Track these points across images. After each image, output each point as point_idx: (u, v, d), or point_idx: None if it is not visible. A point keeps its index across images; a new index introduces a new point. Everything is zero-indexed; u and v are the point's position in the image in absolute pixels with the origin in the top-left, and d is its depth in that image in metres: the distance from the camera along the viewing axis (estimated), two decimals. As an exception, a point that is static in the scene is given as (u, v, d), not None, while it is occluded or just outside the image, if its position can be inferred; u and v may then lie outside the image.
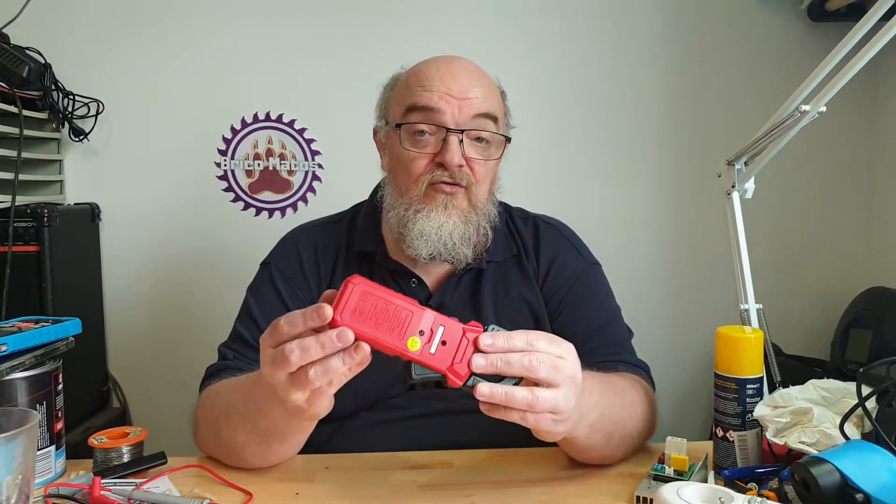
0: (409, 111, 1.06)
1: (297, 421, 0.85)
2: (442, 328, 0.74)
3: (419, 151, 1.06)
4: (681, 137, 2.02)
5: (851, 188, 2.05)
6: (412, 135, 1.06)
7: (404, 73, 1.13)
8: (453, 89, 1.05)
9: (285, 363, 0.72)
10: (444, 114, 1.04)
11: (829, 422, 0.85)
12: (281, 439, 0.90)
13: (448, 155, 1.04)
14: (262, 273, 1.16)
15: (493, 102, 1.08)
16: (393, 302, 0.73)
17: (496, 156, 1.09)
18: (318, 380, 0.72)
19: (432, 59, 1.11)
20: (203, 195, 1.95)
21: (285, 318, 0.74)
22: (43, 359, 0.93)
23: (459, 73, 1.07)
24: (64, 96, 1.85)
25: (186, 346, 1.93)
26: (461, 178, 1.05)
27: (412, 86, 1.07)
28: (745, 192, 1.13)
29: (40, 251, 1.63)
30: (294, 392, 0.75)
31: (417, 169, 1.06)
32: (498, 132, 1.09)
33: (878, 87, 1.98)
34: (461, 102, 1.05)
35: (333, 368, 0.72)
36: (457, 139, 1.04)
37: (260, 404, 0.86)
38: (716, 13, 1.99)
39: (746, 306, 1.10)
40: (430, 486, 0.92)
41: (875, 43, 0.90)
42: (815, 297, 2.05)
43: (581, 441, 0.88)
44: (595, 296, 1.17)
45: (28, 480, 0.71)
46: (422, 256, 1.06)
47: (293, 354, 0.71)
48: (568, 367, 0.76)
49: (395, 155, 1.10)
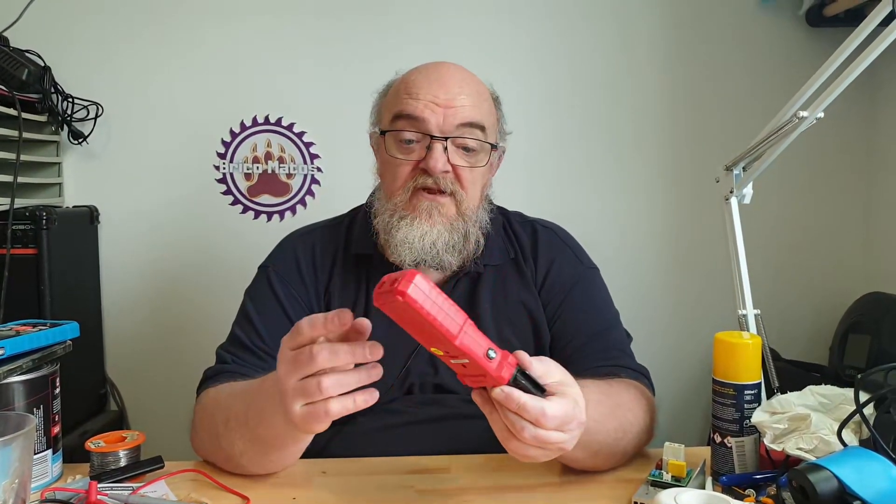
0: (395, 118, 1.08)
1: (295, 432, 0.85)
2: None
3: (404, 158, 1.07)
4: (679, 142, 2.02)
5: (850, 193, 2.05)
6: (399, 142, 1.07)
7: (397, 79, 1.14)
8: (440, 97, 1.05)
9: (311, 363, 0.72)
10: (429, 122, 1.05)
11: (827, 428, 0.84)
12: (279, 449, 0.90)
13: (431, 161, 1.04)
14: (260, 276, 1.16)
15: (481, 110, 1.09)
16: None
17: (482, 163, 1.10)
18: (329, 391, 0.73)
19: (422, 66, 1.12)
20: (202, 198, 1.95)
21: (307, 319, 0.75)
22: (40, 362, 0.93)
23: (448, 81, 1.07)
24: (63, 99, 1.85)
25: (184, 350, 1.93)
26: (445, 184, 1.06)
27: (400, 93, 1.08)
28: (744, 197, 1.13)
29: (38, 254, 1.63)
30: (296, 401, 0.75)
31: (402, 175, 1.07)
32: (485, 140, 1.09)
33: (877, 92, 1.98)
34: (446, 111, 1.05)
35: (348, 383, 0.73)
36: (441, 146, 1.05)
37: (260, 412, 0.86)
38: (715, 18, 2.00)
39: (744, 312, 1.10)
40: (428, 492, 0.92)
41: (873, 49, 0.90)
42: (814, 303, 2.06)
43: (576, 454, 0.87)
44: (593, 300, 1.17)
45: (25, 484, 0.71)
46: (406, 263, 1.07)
47: (321, 355, 0.72)
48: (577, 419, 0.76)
49: (382, 160, 1.12)
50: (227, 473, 0.95)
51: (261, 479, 0.95)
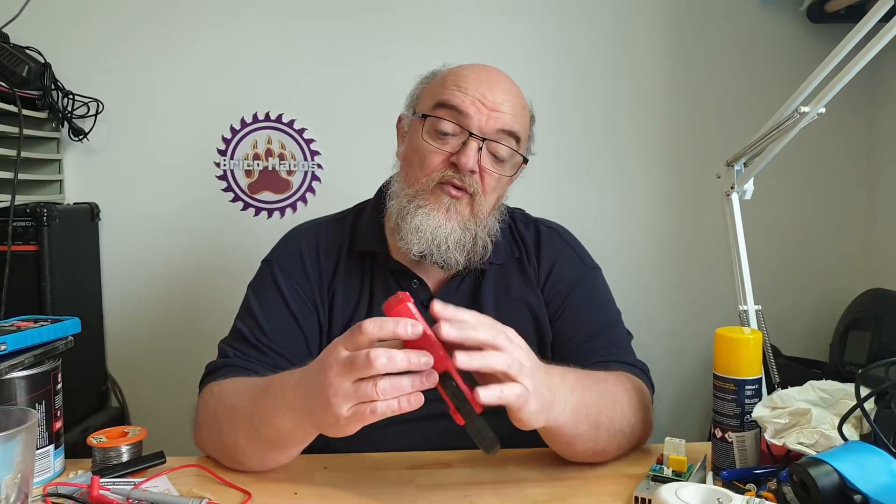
0: (438, 106, 1.07)
1: (307, 430, 0.85)
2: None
3: (438, 148, 1.06)
4: (680, 138, 2.02)
5: (850, 189, 2.06)
6: (436, 130, 1.07)
7: (444, 70, 1.13)
8: (487, 98, 1.05)
9: (368, 367, 0.72)
10: (472, 118, 1.05)
11: (827, 423, 0.85)
12: (282, 448, 0.90)
13: (464, 157, 1.04)
14: (264, 270, 1.16)
15: (520, 122, 1.09)
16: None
17: (509, 173, 1.10)
18: (385, 393, 0.73)
19: (474, 64, 1.12)
20: (202, 195, 1.95)
21: (374, 322, 0.75)
22: (42, 358, 0.93)
23: (496, 86, 1.08)
24: (63, 96, 1.85)
25: (186, 346, 1.93)
26: (469, 184, 1.06)
27: (448, 84, 1.08)
28: (745, 193, 1.13)
29: (39, 250, 1.63)
30: (347, 403, 0.75)
31: (432, 163, 1.06)
32: (517, 151, 1.09)
33: (878, 88, 1.98)
34: (490, 113, 1.05)
35: (403, 387, 0.73)
36: (476, 145, 1.05)
37: (267, 412, 0.86)
38: (716, 14, 1.99)
39: (745, 307, 1.10)
40: (429, 486, 0.92)
41: (874, 44, 0.90)
42: (814, 299, 2.06)
43: (567, 429, 0.88)
44: (594, 299, 1.18)
45: (27, 479, 0.71)
46: (413, 253, 1.06)
47: (379, 360, 0.72)
48: (510, 333, 0.79)
49: (413, 145, 1.10)
50: (229, 468, 0.96)
51: (262, 474, 0.95)
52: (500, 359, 0.75)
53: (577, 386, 0.90)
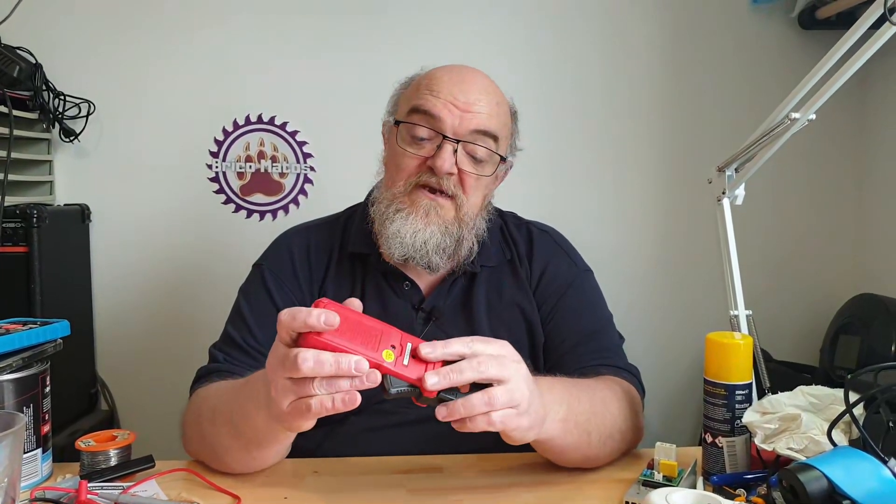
0: (412, 112, 1.07)
1: (277, 428, 0.84)
2: (409, 344, 0.76)
3: (413, 152, 1.07)
4: (673, 143, 2.03)
5: (841, 195, 2.06)
6: (411, 136, 1.07)
7: (420, 74, 1.14)
8: (459, 99, 1.05)
9: (294, 370, 0.72)
10: (444, 122, 1.05)
11: (817, 428, 0.85)
12: (261, 446, 0.89)
13: (439, 161, 1.04)
14: (254, 275, 1.16)
15: (496, 121, 1.09)
16: (363, 320, 0.76)
17: (489, 173, 1.10)
18: (320, 390, 0.72)
19: (448, 66, 1.12)
20: (194, 197, 1.94)
21: (286, 312, 0.74)
22: (30, 361, 0.92)
23: (470, 86, 1.07)
24: (55, 96, 1.84)
25: (176, 349, 1.92)
26: (447, 186, 1.06)
27: (422, 88, 1.09)
28: (736, 198, 1.13)
29: (29, 252, 1.62)
30: (286, 398, 0.75)
31: (408, 168, 1.07)
32: (495, 151, 1.09)
33: (868, 95, 1.99)
34: (463, 114, 1.05)
35: (340, 385, 0.72)
36: (451, 147, 1.05)
37: (244, 410, 0.86)
38: (708, 20, 2.00)
39: (736, 312, 1.11)
40: (420, 491, 0.92)
41: (865, 51, 0.91)
42: (805, 304, 2.06)
43: (558, 440, 0.88)
44: (586, 302, 1.18)
45: (14, 483, 0.70)
46: (395, 256, 1.07)
47: (306, 364, 0.71)
48: (510, 360, 0.78)
49: (390, 150, 1.12)
50: (218, 473, 0.95)
51: (252, 478, 0.94)
52: (503, 397, 0.75)
53: (566, 396, 0.90)
